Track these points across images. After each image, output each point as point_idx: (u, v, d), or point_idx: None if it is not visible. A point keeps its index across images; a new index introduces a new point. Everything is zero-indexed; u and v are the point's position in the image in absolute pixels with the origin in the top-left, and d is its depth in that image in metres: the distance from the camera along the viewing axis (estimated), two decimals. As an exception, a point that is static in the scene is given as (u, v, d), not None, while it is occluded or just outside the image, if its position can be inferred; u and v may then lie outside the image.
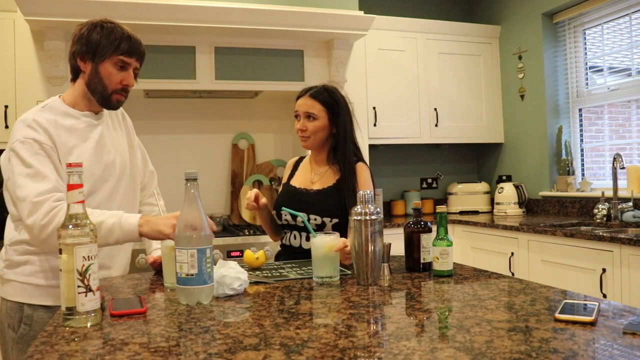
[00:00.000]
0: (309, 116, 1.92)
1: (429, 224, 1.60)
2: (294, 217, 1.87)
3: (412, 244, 1.59)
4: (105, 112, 1.72)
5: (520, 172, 4.06)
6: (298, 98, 1.98)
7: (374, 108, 3.75)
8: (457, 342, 0.92)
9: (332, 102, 1.93)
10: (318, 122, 1.92)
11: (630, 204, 3.07)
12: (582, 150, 3.76)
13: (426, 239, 1.57)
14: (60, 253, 1.09)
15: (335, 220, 1.87)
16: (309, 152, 2.12)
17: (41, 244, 1.49)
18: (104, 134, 1.68)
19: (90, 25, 1.59)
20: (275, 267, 1.72)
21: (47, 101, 1.65)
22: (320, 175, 1.98)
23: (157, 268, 1.67)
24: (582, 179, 3.62)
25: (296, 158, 2.14)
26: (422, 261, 1.57)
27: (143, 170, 1.89)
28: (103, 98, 1.62)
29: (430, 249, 1.56)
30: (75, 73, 1.63)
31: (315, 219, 1.88)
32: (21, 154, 1.48)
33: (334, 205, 1.87)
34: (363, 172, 1.94)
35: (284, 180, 2.08)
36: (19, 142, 1.50)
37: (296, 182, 2.02)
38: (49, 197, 1.45)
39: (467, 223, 3.56)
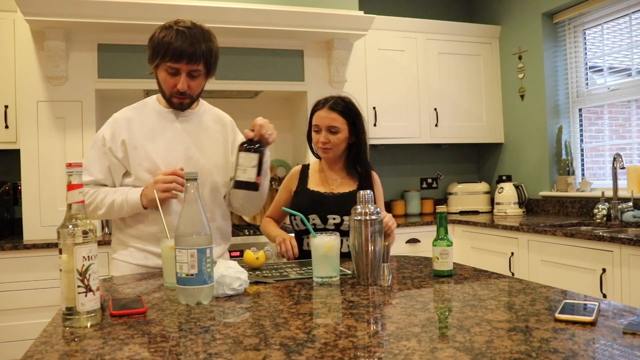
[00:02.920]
0: (331, 129, 1.95)
1: (261, 147, 1.65)
2: (293, 216, 1.89)
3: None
4: (199, 113, 1.81)
5: (520, 172, 4.06)
6: (315, 110, 1.99)
7: (374, 108, 3.75)
8: (457, 342, 0.92)
9: (352, 113, 1.98)
10: (340, 134, 1.96)
11: (630, 204, 3.07)
12: (582, 150, 3.76)
13: (244, 157, 1.63)
14: (60, 253, 1.09)
15: None
16: (312, 159, 2.13)
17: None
18: (185, 131, 1.76)
19: (156, 30, 1.69)
20: (275, 267, 1.73)
21: (146, 98, 1.81)
22: (341, 180, 2.03)
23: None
24: (582, 179, 3.62)
25: (299, 167, 2.13)
26: (235, 178, 1.63)
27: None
28: (166, 100, 1.75)
29: (247, 168, 1.62)
30: None
31: (335, 218, 1.93)
32: (90, 146, 1.77)
33: None
34: (378, 180, 2.08)
35: (294, 187, 2.07)
36: (95, 136, 1.77)
37: (315, 187, 2.02)
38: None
39: (467, 223, 3.56)
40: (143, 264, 1.74)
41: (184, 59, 1.63)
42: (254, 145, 1.66)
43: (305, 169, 2.11)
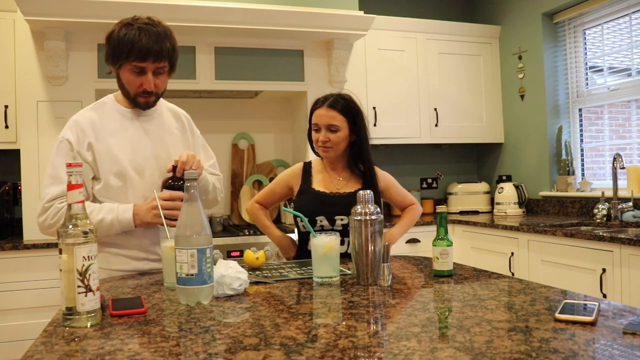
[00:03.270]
0: (331, 127, 1.92)
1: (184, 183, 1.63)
2: (296, 217, 1.88)
3: None
4: (159, 111, 1.77)
5: (520, 172, 4.06)
6: (314, 109, 1.96)
7: (374, 108, 3.75)
8: (457, 342, 0.92)
9: (352, 111, 1.95)
10: (340, 133, 1.93)
11: (630, 204, 3.07)
12: (582, 150, 3.76)
13: None
14: (60, 253, 1.09)
15: None
16: (313, 157, 2.11)
17: (49, 235, 1.67)
18: (148, 130, 1.72)
19: (115, 28, 1.62)
20: (275, 267, 1.73)
21: (102, 99, 1.74)
22: (346, 180, 2.01)
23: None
24: (582, 179, 3.62)
25: (301, 164, 2.09)
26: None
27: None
28: (130, 100, 1.69)
29: None
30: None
31: (342, 219, 1.92)
32: (54, 154, 1.65)
33: None
34: (382, 173, 2.07)
35: (296, 187, 2.04)
36: (57, 141, 1.66)
37: (320, 187, 1.99)
38: (56, 201, 1.61)
39: (467, 223, 3.56)
40: (120, 268, 1.71)
41: (150, 57, 1.59)
42: (177, 182, 1.63)
43: (307, 167, 2.07)
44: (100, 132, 1.65)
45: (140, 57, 1.58)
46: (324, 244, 1.47)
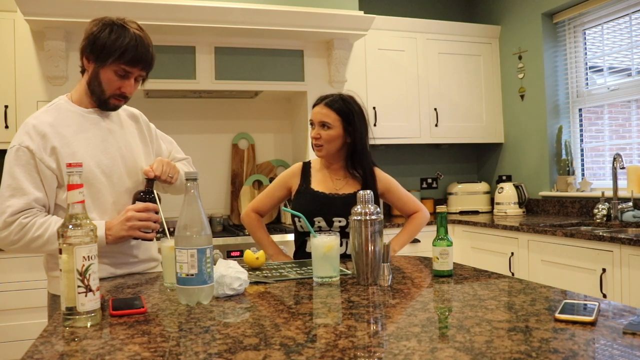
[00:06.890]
0: (324, 125, 1.94)
1: (156, 197, 1.61)
2: (296, 217, 1.89)
3: None
4: (117, 112, 1.72)
5: (520, 172, 4.06)
6: (314, 106, 2.00)
7: (374, 108, 3.75)
8: (457, 342, 0.92)
9: (347, 111, 1.95)
10: (332, 131, 1.94)
11: (630, 204, 3.08)
12: (582, 150, 3.77)
13: None
14: (60, 253, 1.10)
15: None
16: (314, 157, 2.10)
17: (13, 252, 1.53)
18: (112, 131, 1.67)
19: (102, 25, 1.57)
20: (275, 267, 1.73)
21: (54, 100, 1.66)
22: (345, 181, 2.01)
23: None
24: (582, 179, 3.62)
25: (300, 164, 2.08)
26: None
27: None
28: (100, 100, 1.61)
29: None
30: (83, 69, 1.62)
31: (340, 221, 1.92)
32: (12, 162, 1.52)
33: None
34: (383, 174, 2.08)
35: (295, 186, 2.03)
36: (14, 149, 1.53)
37: (319, 187, 1.99)
38: (20, 216, 1.49)
39: (467, 223, 3.56)
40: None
41: (140, 64, 1.57)
42: (148, 195, 1.61)
43: (306, 166, 2.07)
44: (62, 135, 1.56)
45: (131, 62, 1.56)
46: (324, 244, 1.47)
